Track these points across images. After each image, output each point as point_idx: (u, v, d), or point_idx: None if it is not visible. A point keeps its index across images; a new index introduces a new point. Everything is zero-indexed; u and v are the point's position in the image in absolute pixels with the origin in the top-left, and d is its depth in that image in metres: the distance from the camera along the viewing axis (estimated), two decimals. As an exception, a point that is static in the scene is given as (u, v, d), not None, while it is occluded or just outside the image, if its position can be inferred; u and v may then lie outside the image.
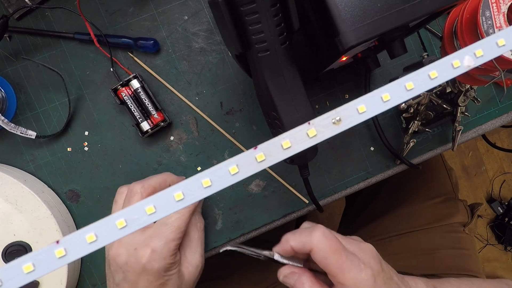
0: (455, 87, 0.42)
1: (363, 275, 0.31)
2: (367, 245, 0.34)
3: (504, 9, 0.31)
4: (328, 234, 0.32)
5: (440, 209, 0.63)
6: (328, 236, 0.31)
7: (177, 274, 0.37)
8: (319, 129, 0.21)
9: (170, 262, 0.36)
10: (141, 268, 0.36)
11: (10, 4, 0.42)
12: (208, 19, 0.45)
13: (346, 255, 0.31)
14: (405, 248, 0.61)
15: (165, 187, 0.39)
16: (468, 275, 0.59)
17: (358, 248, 0.33)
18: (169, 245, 0.36)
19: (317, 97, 0.46)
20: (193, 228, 0.40)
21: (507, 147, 1.34)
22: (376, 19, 0.27)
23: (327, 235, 0.32)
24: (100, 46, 0.42)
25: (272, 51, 0.30)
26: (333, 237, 0.32)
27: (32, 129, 0.43)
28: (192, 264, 0.39)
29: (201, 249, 0.40)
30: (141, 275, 0.36)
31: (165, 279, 0.37)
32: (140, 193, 0.37)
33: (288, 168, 0.46)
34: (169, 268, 0.36)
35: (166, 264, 0.36)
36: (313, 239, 0.31)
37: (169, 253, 0.36)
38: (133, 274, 0.36)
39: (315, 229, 0.32)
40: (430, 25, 0.47)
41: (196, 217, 0.41)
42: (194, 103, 0.45)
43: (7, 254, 0.40)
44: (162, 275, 0.36)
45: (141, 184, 0.38)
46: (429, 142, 0.48)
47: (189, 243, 0.40)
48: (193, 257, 0.39)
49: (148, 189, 0.38)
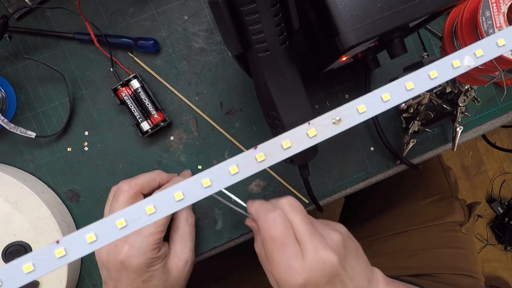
0: (455, 87, 0.42)
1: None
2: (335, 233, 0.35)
3: (504, 9, 0.31)
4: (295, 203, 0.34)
5: (436, 208, 0.63)
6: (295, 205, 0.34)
7: (162, 269, 0.37)
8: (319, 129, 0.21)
9: (151, 257, 0.36)
10: (120, 264, 0.35)
11: (10, 4, 0.42)
12: (208, 19, 0.45)
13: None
14: (399, 247, 0.61)
15: (154, 185, 0.39)
16: (464, 275, 0.58)
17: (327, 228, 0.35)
18: (148, 240, 0.35)
19: (317, 97, 0.46)
20: (184, 223, 0.40)
21: (507, 147, 1.34)
22: (376, 19, 0.27)
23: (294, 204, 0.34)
24: (100, 46, 0.42)
25: (272, 51, 0.30)
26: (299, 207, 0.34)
27: (32, 129, 0.43)
28: (181, 259, 0.39)
29: (191, 244, 0.40)
30: (122, 272, 0.36)
31: (148, 275, 0.36)
32: (126, 190, 0.37)
33: (288, 168, 0.46)
34: (151, 264, 0.36)
35: (147, 260, 0.35)
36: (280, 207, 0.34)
37: (149, 247, 0.35)
38: (115, 271, 0.36)
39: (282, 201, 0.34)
40: (430, 25, 0.47)
41: (187, 212, 0.41)
42: (194, 103, 0.45)
43: (7, 254, 0.40)
44: (144, 271, 0.36)
45: (128, 183, 0.38)
46: (429, 142, 0.48)
47: (180, 238, 0.40)
48: (183, 252, 0.39)
49: (136, 187, 0.38)
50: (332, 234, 0.33)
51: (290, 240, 0.32)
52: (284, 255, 0.31)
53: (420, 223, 0.62)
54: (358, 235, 0.65)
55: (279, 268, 0.31)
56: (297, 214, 0.33)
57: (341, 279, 0.32)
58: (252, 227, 0.38)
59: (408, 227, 0.62)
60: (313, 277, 0.30)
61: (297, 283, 0.30)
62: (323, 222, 0.36)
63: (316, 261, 0.30)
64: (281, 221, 0.32)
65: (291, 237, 0.32)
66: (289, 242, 0.31)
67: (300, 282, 0.30)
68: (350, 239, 0.35)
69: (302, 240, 0.32)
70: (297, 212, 0.33)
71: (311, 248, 0.31)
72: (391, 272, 0.40)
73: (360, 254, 0.35)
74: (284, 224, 0.32)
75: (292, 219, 0.33)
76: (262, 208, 0.34)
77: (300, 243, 0.32)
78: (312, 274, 0.30)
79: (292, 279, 0.31)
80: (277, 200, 0.35)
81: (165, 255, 0.38)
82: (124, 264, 0.35)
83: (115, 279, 0.36)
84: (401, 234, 0.62)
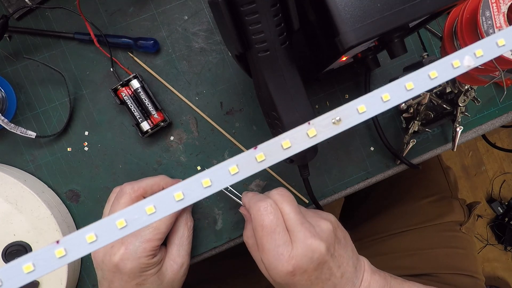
0: (455, 87, 0.42)
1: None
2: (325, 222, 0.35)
3: (504, 9, 0.31)
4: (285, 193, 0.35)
5: (435, 208, 0.63)
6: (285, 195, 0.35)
7: (157, 275, 0.37)
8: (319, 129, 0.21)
9: (145, 262, 0.35)
10: (114, 266, 0.35)
11: (10, 4, 0.42)
12: (208, 19, 0.45)
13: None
14: (399, 247, 0.61)
15: (158, 190, 0.39)
16: (464, 275, 0.58)
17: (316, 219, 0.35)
18: (144, 245, 0.35)
19: (317, 97, 0.46)
20: (182, 227, 0.40)
21: (507, 147, 1.34)
22: (376, 19, 0.27)
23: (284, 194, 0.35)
24: (100, 46, 0.42)
25: (272, 51, 0.30)
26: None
27: (32, 129, 0.43)
28: (177, 262, 0.39)
29: (188, 247, 0.40)
30: (115, 274, 0.36)
31: (142, 279, 0.36)
32: (129, 193, 0.37)
33: (288, 168, 0.46)
34: (145, 269, 0.36)
35: (140, 264, 0.35)
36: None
37: (144, 253, 0.35)
38: (109, 272, 0.36)
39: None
40: (430, 25, 0.47)
41: (186, 216, 0.41)
42: (194, 103, 0.45)
43: (7, 254, 0.40)
44: (137, 275, 0.36)
45: (131, 185, 0.38)
46: (429, 142, 0.48)
47: (177, 241, 0.40)
48: (179, 255, 0.39)
49: (138, 190, 0.38)
50: (322, 222, 0.35)
51: (280, 228, 0.33)
52: (274, 242, 0.32)
53: (419, 223, 0.62)
54: (357, 235, 0.65)
55: (268, 255, 0.33)
56: (287, 204, 0.34)
57: (329, 266, 0.33)
58: (244, 215, 0.40)
59: (407, 226, 0.62)
60: (301, 264, 0.32)
61: (286, 269, 0.32)
62: (314, 211, 0.37)
63: (304, 248, 0.32)
64: (271, 210, 0.33)
65: (280, 225, 0.33)
66: (279, 230, 0.33)
67: (289, 269, 0.32)
68: (339, 227, 0.37)
69: (291, 228, 0.33)
70: (288, 202, 0.34)
71: (300, 236, 0.32)
72: (390, 271, 0.40)
73: (348, 242, 0.37)
74: (275, 213, 0.33)
75: (282, 209, 0.34)
76: (255, 198, 0.35)
77: (289, 231, 0.33)
78: (300, 261, 0.32)
79: (282, 265, 0.32)
80: (269, 192, 0.37)
81: (161, 260, 0.38)
82: (118, 266, 0.35)
83: (109, 280, 0.36)
84: (401, 234, 0.62)
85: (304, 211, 0.36)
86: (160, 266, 0.37)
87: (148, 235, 0.36)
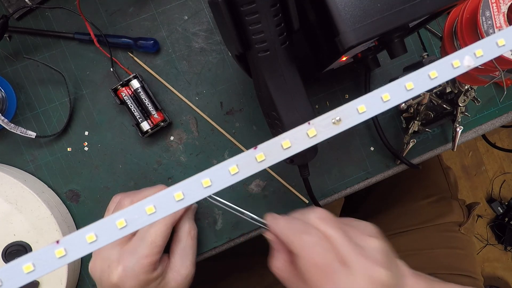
0: (455, 87, 0.42)
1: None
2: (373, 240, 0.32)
3: (504, 9, 0.31)
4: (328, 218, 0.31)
5: (435, 208, 0.63)
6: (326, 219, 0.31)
7: (159, 286, 0.36)
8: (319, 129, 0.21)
9: (145, 278, 0.34)
10: (113, 286, 0.34)
11: (10, 4, 0.42)
12: (208, 19, 0.45)
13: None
14: (398, 247, 0.60)
15: None
16: (462, 275, 0.58)
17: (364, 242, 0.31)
18: (141, 262, 0.34)
19: (317, 97, 0.46)
20: (186, 236, 0.39)
21: (507, 147, 1.34)
22: (376, 19, 0.27)
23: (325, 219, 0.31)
24: (100, 46, 0.42)
25: (272, 51, 0.30)
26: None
27: (32, 129, 0.43)
28: (181, 274, 0.37)
29: (192, 257, 0.39)
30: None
31: None
32: (127, 206, 0.37)
33: (288, 168, 0.46)
34: (145, 285, 0.35)
35: (140, 281, 0.34)
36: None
37: (143, 269, 0.34)
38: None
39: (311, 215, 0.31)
40: (430, 25, 0.47)
41: (189, 224, 0.40)
42: (194, 103, 0.45)
43: (7, 254, 0.40)
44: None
45: (130, 198, 0.37)
46: (429, 142, 0.48)
47: (181, 251, 0.38)
48: (183, 266, 0.38)
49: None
50: (370, 242, 0.31)
51: (336, 264, 0.29)
52: (333, 283, 0.29)
53: (419, 223, 0.62)
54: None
55: None
56: (332, 229, 0.30)
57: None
58: (272, 242, 0.33)
59: (407, 227, 0.62)
60: None
61: None
62: (351, 225, 0.33)
63: (368, 282, 0.29)
64: (321, 243, 0.29)
65: (335, 260, 0.29)
66: (336, 266, 0.29)
67: None
68: (384, 239, 0.33)
69: (345, 259, 0.29)
70: (332, 226, 0.30)
71: (358, 268, 0.29)
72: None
73: (391, 250, 0.33)
74: (325, 246, 0.29)
75: (330, 237, 0.30)
76: (293, 229, 0.31)
77: (344, 262, 0.29)
78: None
79: None
80: (304, 215, 0.32)
81: (163, 271, 0.37)
82: (118, 286, 0.34)
83: None
84: (400, 234, 0.62)
85: (345, 229, 0.31)
86: (162, 278, 0.36)
87: (145, 250, 0.34)
